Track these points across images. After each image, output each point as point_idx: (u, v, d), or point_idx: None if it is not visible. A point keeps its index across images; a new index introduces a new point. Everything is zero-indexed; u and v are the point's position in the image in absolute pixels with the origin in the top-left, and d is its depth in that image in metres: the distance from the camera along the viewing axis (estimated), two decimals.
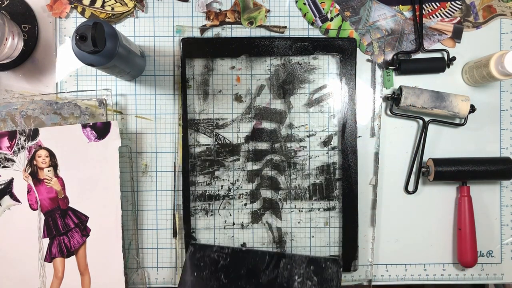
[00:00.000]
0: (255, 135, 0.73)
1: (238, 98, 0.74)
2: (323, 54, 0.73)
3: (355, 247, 0.73)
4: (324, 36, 0.74)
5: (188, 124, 0.73)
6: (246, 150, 0.73)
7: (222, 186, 0.74)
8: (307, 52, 0.72)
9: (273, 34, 0.74)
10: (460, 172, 0.71)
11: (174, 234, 0.74)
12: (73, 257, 0.70)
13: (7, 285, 0.70)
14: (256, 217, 0.74)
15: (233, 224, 0.74)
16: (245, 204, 0.74)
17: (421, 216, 0.75)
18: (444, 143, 0.75)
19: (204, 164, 0.73)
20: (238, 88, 0.74)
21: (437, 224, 0.75)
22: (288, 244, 0.74)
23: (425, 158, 0.74)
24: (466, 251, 0.71)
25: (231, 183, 0.74)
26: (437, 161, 0.71)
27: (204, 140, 0.73)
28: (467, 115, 0.72)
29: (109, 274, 0.70)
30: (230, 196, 0.74)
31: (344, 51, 0.72)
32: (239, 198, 0.74)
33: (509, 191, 0.75)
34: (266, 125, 0.74)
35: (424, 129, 0.73)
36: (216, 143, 0.73)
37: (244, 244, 0.74)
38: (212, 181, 0.74)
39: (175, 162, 0.74)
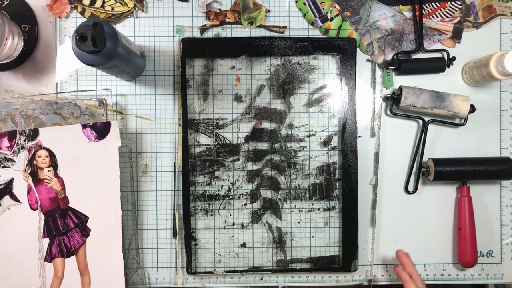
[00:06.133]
0: (255, 135, 0.73)
1: (238, 98, 0.73)
2: (323, 54, 0.73)
3: (355, 247, 0.73)
4: (324, 36, 0.74)
5: (188, 124, 0.72)
6: (246, 150, 0.73)
7: (222, 186, 0.74)
8: (307, 52, 0.72)
9: (273, 34, 0.74)
10: (460, 172, 0.71)
11: (174, 234, 0.74)
12: (73, 257, 0.70)
13: (7, 285, 0.70)
14: (256, 217, 0.74)
15: (233, 224, 0.74)
16: (245, 204, 0.74)
17: (421, 216, 0.75)
18: (444, 143, 0.74)
19: (204, 164, 0.73)
20: (238, 88, 0.73)
21: (437, 224, 0.75)
22: (288, 244, 0.74)
23: (425, 158, 0.74)
24: (466, 251, 0.71)
25: (231, 183, 0.74)
26: (437, 161, 0.71)
27: (204, 140, 0.73)
28: (467, 115, 0.72)
29: (109, 274, 0.70)
30: (230, 196, 0.74)
31: (344, 51, 0.72)
32: (239, 198, 0.74)
33: (509, 191, 0.75)
34: (266, 125, 0.73)
35: (424, 129, 0.73)
36: (216, 143, 0.73)
37: (244, 244, 0.74)
38: (212, 181, 0.73)
39: (175, 162, 0.74)
